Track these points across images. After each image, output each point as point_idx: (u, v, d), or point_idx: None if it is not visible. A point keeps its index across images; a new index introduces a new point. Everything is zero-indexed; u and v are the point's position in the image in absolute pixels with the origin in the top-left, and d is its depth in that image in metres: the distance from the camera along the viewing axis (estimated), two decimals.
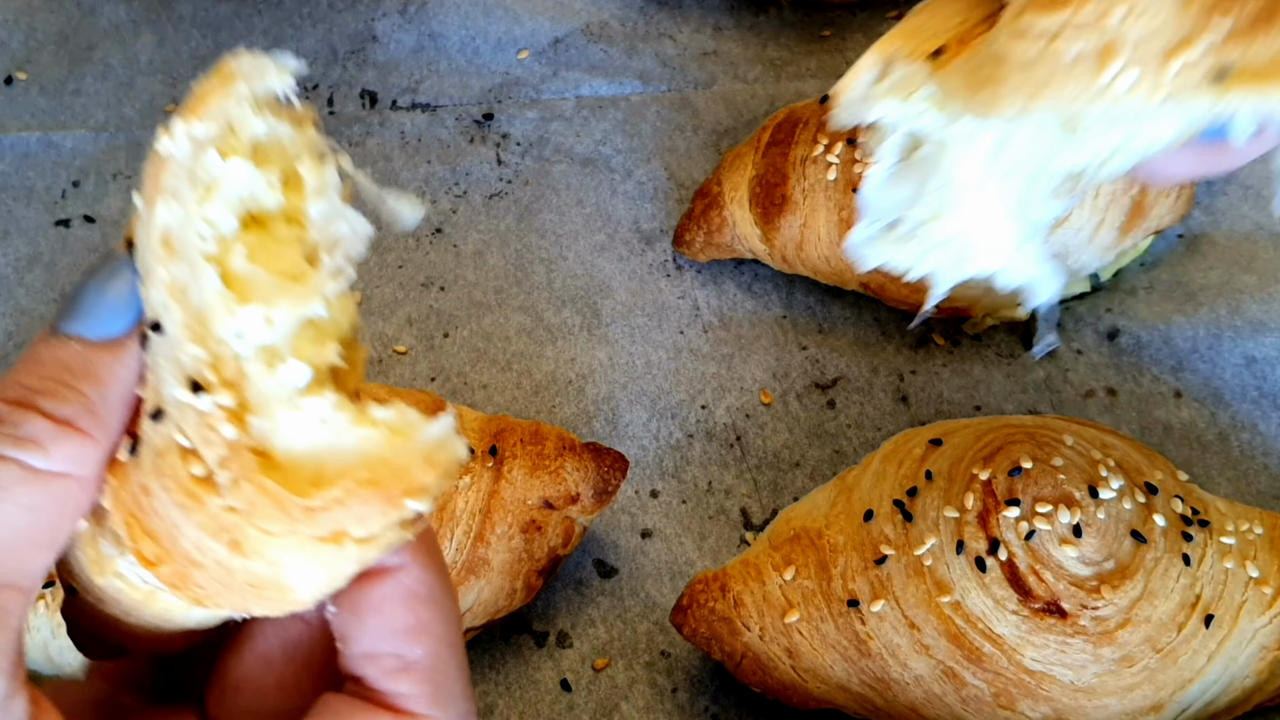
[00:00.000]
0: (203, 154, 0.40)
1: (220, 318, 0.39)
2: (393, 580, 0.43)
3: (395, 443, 0.40)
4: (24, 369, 0.39)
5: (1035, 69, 0.46)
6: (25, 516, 0.37)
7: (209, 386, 0.39)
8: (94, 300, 0.40)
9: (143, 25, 1.07)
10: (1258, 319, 0.89)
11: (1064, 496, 0.68)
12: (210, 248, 0.40)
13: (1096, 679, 0.66)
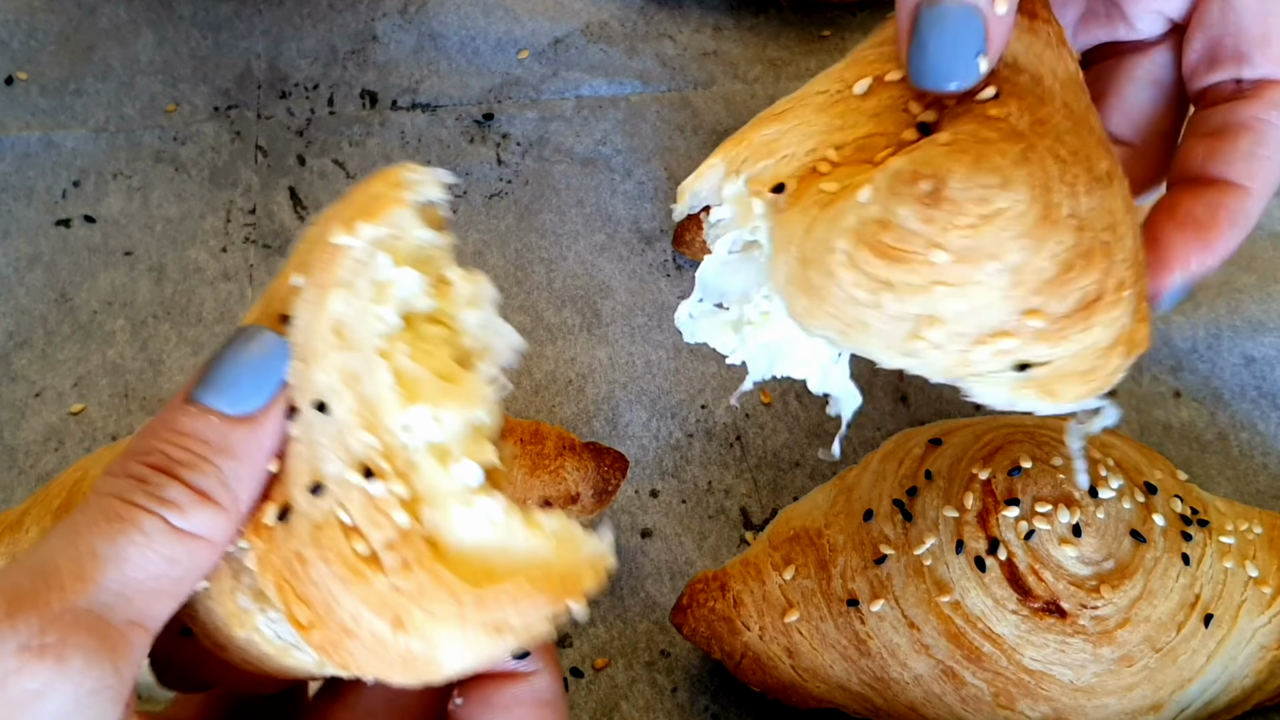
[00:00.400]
0: (377, 255, 0.43)
1: (391, 411, 0.43)
2: (526, 684, 0.46)
3: (560, 550, 0.43)
4: (164, 436, 0.41)
5: (853, 308, 0.46)
6: (162, 566, 0.40)
7: (381, 474, 0.42)
8: (236, 376, 0.42)
9: (143, 25, 1.07)
10: (1256, 319, 0.89)
11: (1063, 496, 0.69)
12: (382, 343, 0.43)
13: (1096, 678, 0.66)
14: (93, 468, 0.74)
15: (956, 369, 0.47)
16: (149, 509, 0.40)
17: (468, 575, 0.42)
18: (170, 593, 0.41)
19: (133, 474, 0.41)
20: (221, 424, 0.42)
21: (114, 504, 0.40)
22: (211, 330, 0.92)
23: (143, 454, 0.41)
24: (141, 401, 0.89)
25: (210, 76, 1.04)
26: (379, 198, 0.44)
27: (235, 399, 0.42)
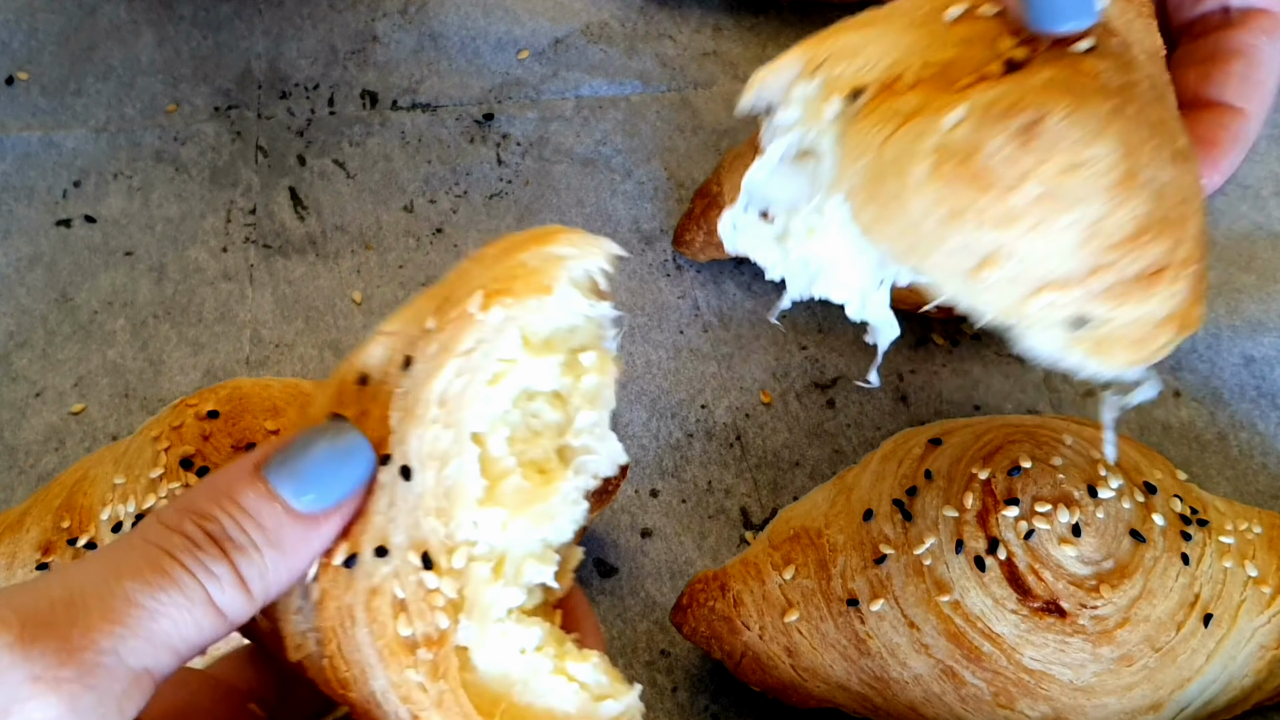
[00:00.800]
0: (507, 332, 0.41)
1: (466, 503, 0.41)
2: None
3: (583, 703, 0.42)
4: (225, 506, 0.41)
5: (924, 227, 0.44)
6: (189, 629, 0.40)
7: (437, 566, 0.41)
8: (315, 473, 0.42)
9: (143, 25, 1.07)
10: (1256, 319, 0.89)
11: (1063, 496, 0.69)
12: (482, 426, 0.42)
13: (1095, 678, 0.67)
14: (93, 468, 0.75)
15: (1012, 311, 0.45)
16: (195, 575, 0.40)
17: (485, 702, 0.41)
18: (181, 652, 0.41)
19: (188, 534, 0.41)
20: (283, 515, 0.41)
21: (162, 557, 0.40)
22: (212, 330, 0.92)
23: (200, 516, 0.41)
24: (142, 401, 0.89)
25: (211, 76, 1.04)
26: (533, 273, 0.41)
27: (304, 494, 0.41)
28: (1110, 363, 0.47)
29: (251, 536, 0.41)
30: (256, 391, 0.74)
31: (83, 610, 0.38)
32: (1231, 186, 0.96)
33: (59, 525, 0.72)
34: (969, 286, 0.45)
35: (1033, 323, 0.45)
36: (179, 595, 0.40)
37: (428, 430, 0.41)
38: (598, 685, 0.42)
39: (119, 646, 0.39)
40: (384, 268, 0.95)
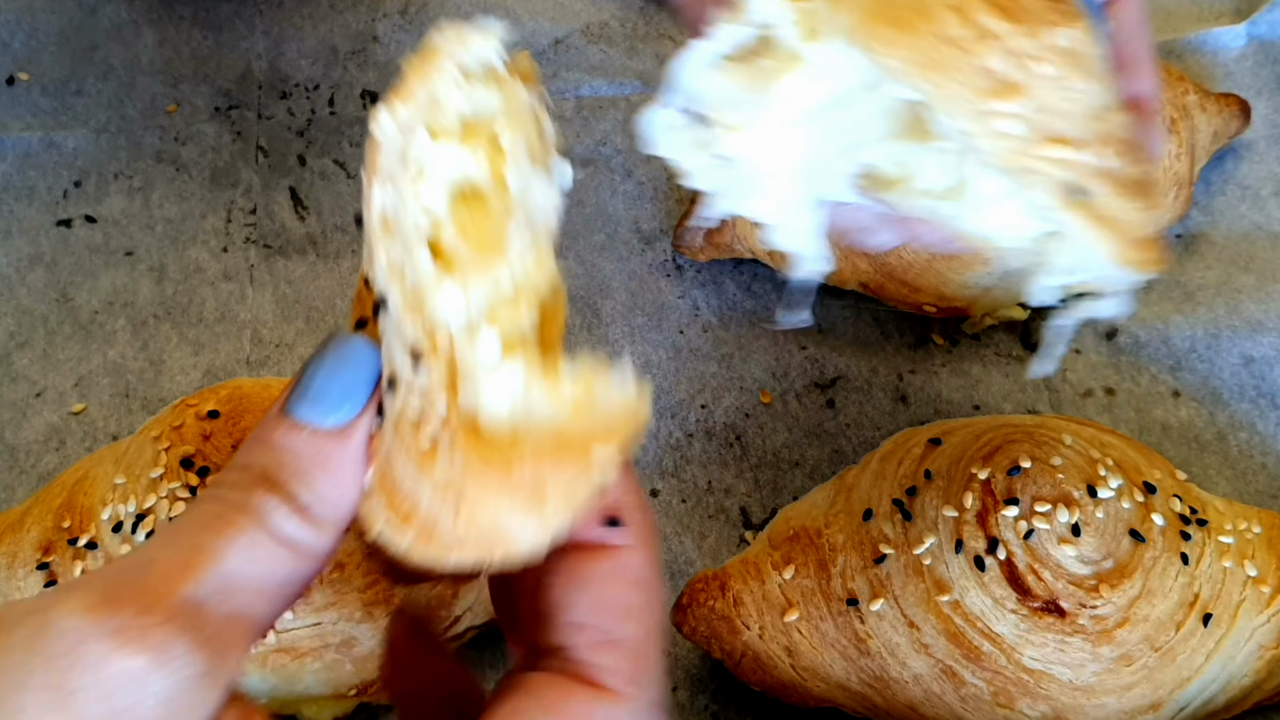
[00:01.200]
0: (412, 136, 0.42)
1: (432, 294, 0.42)
2: (616, 559, 0.44)
3: (580, 416, 0.42)
4: (261, 451, 0.42)
5: (945, 48, 0.42)
6: (264, 567, 0.41)
7: (424, 357, 0.42)
8: (326, 389, 0.43)
9: (144, 25, 1.07)
10: (1255, 319, 0.89)
11: (1063, 496, 0.69)
12: (424, 228, 0.42)
13: (1095, 678, 0.67)
14: (94, 467, 0.75)
15: (1013, 158, 0.43)
16: (253, 515, 0.41)
17: (500, 453, 0.41)
18: (273, 595, 0.41)
19: (236, 484, 0.42)
20: (314, 438, 0.42)
21: (217, 507, 0.41)
22: (212, 330, 0.92)
23: (243, 467, 0.42)
24: (143, 401, 0.89)
25: (211, 77, 1.04)
26: (408, 76, 0.42)
27: (325, 412, 0.42)
28: (1103, 242, 0.44)
29: (292, 467, 0.42)
30: (257, 391, 0.74)
31: (156, 566, 0.39)
32: (1231, 186, 0.96)
33: (59, 525, 0.72)
34: (977, 117, 0.42)
35: (1035, 176, 0.42)
36: (243, 537, 0.40)
37: (380, 254, 0.42)
38: (590, 396, 0.42)
39: (196, 595, 0.39)
40: None
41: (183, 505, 0.69)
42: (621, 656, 0.43)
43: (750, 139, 0.46)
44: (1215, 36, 1.01)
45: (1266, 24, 1.01)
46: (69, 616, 0.37)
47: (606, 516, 0.45)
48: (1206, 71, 1.00)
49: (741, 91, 0.45)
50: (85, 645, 0.37)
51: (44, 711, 0.36)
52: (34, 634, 0.38)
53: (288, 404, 0.43)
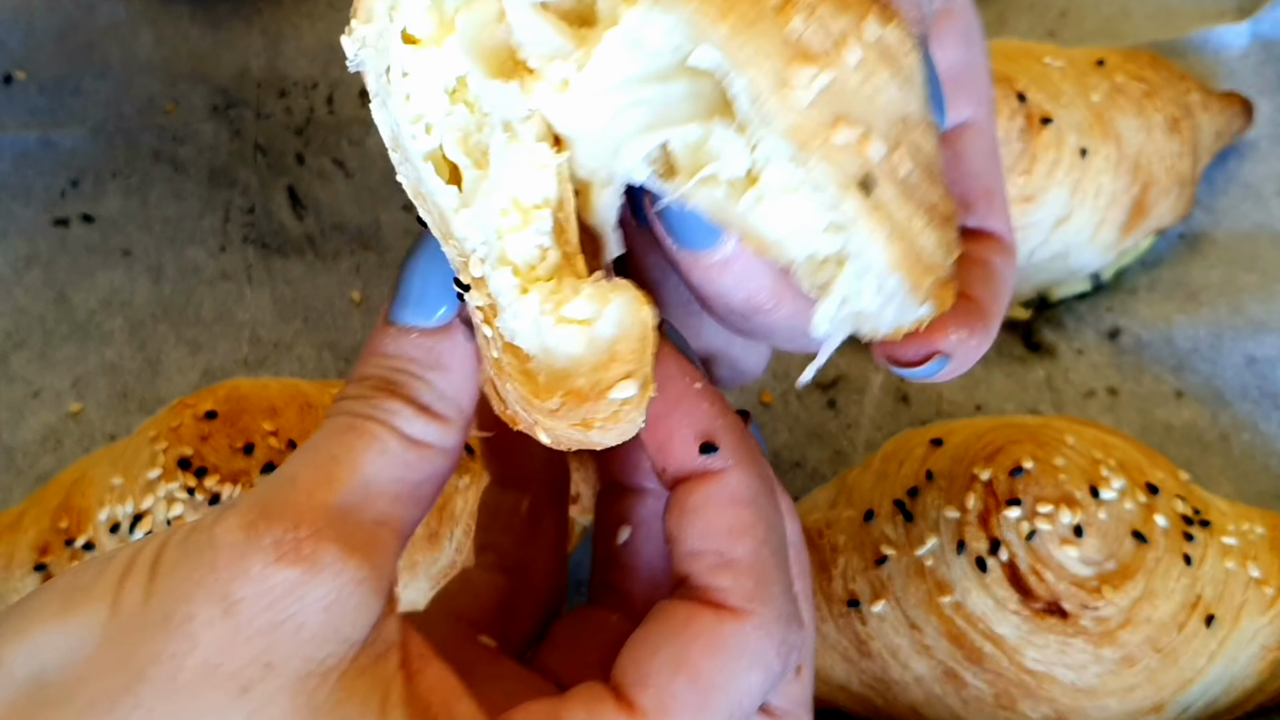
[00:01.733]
0: (389, 50, 0.40)
1: (449, 217, 0.41)
2: (717, 483, 0.45)
3: (587, 340, 0.42)
4: (374, 361, 0.44)
5: (754, 10, 0.39)
6: (399, 471, 0.42)
7: (471, 288, 0.42)
8: (420, 290, 0.44)
9: (141, 24, 1.06)
10: (1259, 319, 0.89)
11: (1065, 497, 0.68)
12: (425, 144, 0.41)
13: (1097, 679, 0.67)
14: (91, 468, 0.74)
15: (802, 135, 0.39)
16: (377, 418, 0.42)
17: (536, 383, 0.42)
18: (412, 497, 0.43)
19: (356, 394, 0.43)
20: (421, 339, 0.44)
21: (346, 419, 0.42)
22: (210, 330, 0.92)
23: (360, 380, 0.44)
24: (140, 402, 0.89)
25: (209, 76, 1.04)
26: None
27: (427, 312, 0.44)
28: (886, 245, 0.40)
29: (409, 370, 0.43)
30: (255, 392, 0.74)
31: (299, 482, 0.41)
32: (1234, 186, 0.96)
33: (57, 526, 0.72)
34: (774, 83, 0.39)
35: (823, 158, 0.39)
36: (373, 441, 0.42)
37: (399, 177, 0.42)
38: (595, 314, 0.42)
39: (341, 504, 0.41)
40: (383, 267, 0.95)
41: (180, 506, 0.69)
42: (738, 575, 0.44)
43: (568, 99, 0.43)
44: (1218, 35, 1.01)
45: (1269, 22, 1.01)
46: (230, 533, 0.39)
47: (701, 442, 0.45)
48: (1209, 70, 1.00)
49: (561, 45, 0.42)
50: (247, 559, 0.39)
51: (211, 620, 0.38)
52: (199, 549, 0.39)
53: (391, 311, 0.44)
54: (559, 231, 0.42)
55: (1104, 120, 0.87)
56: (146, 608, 0.39)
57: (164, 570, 0.40)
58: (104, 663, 0.38)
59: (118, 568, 0.40)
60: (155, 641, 0.38)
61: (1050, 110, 0.85)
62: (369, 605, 0.40)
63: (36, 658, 0.39)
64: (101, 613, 0.39)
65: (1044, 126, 0.84)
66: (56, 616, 0.39)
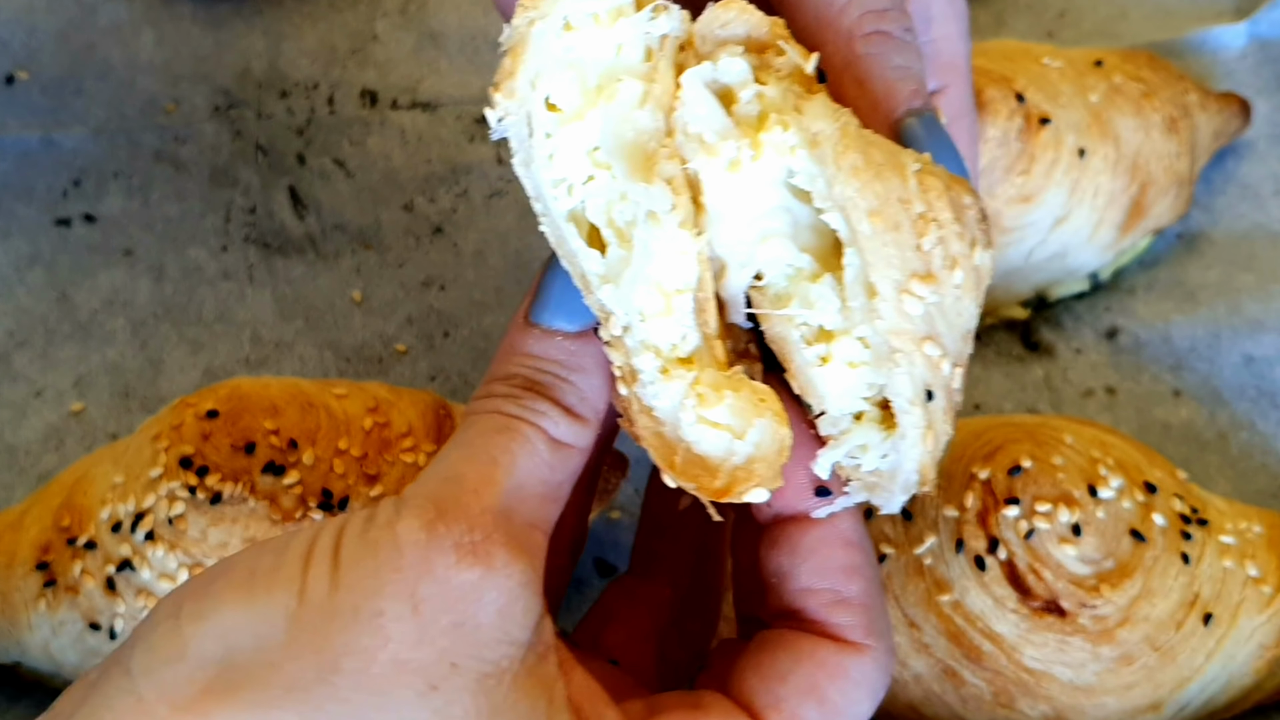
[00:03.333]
0: (533, 116, 0.42)
1: (591, 279, 0.43)
2: (828, 526, 0.48)
3: (726, 446, 0.44)
4: (519, 360, 0.45)
5: (896, 208, 0.42)
6: (545, 472, 0.44)
7: (609, 346, 0.44)
8: (566, 296, 0.45)
9: (143, 24, 1.07)
10: (1256, 318, 0.89)
11: (1063, 495, 0.69)
12: (568, 204, 0.43)
13: (1096, 677, 0.67)
14: (92, 467, 0.75)
15: (902, 335, 0.43)
16: (527, 419, 0.44)
17: (668, 452, 0.44)
18: (551, 497, 0.45)
19: (505, 393, 0.44)
20: (565, 342, 0.45)
21: (498, 417, 0.44)
22: (211, 329, 0.92)
23: (506, 377, 0.45)
24: (141, 401, 0.89)
25: (210, 76, 1.04)
26: (510, 51, 0.42)
27: (570, 317, 0.45)
28: (924, 451, 0.45)
29: (554, 373, 0.45)
30: (256, 391, 0.74)
31: (466, 482, 0.42)
32: (1231, 186, 0.96)
33: (58, 524, 0.72)
34: (894, 285, 0.42)
35: (907, 364, 0.43)
36: (525, 442, 0.44)
37: (541, 227, 0.43)
38: (737, 425, 0.43)
39: (501, 506, 0.42)
40: (384, 267, 0.95)
41: (182, 505, 0.69)
42: (855, 612, 0.47)
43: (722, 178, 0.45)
44: (1215, 36, 1.01)
45: (1267, 23, 1.01)
46: (413, 531, 0.41)
47: (817, 486, 0.47)
48: (1207, 71, 1.00)
49: (726, 125, 0.44)
50: (430, 559, 0.40)
51: (400, 616, 0.40)
52: (381, 545, 0.41)
53: (533, 313, 0.46)
54: (699, 311, 0.44)
55: (1102, 120, 0.87)
56: (334, 599, 0.40)
57: (347, 562, 0.41)
58: (296, 650, 0.39)
59: (298, 555, 0.41)
60: (347, 633, 0.39)
61: (1049, 110, 0.85)
62: (532, 608, 0.42)
63: (223, 640, 0.40)
64: (288, 600, 0.40)
65: (1042, 126, 0.84)
66: (241, 601, 0.40)
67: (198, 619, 0.41)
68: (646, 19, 0.43)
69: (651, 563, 0.57)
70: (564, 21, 0.42)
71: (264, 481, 0.69)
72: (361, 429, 0.73)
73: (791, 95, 0.43)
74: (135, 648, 0.41)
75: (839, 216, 0.42)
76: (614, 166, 0.43)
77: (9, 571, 0.72)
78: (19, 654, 0.72)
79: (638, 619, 0.55)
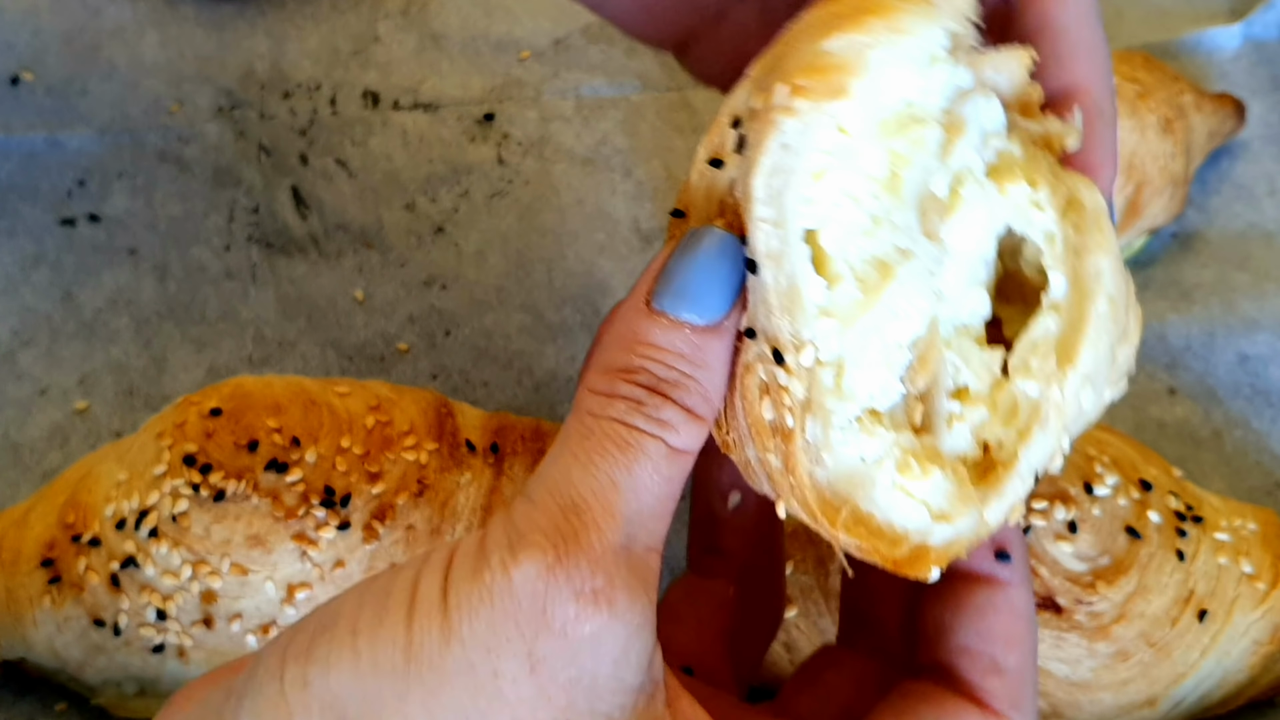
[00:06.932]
0: (818, 132, 0.39)
1: (804, 306, 0.40)
2: (1003, 593, 0.46)
3: (921, 523, 0.41)
4: (642, 351, 0.41)
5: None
6: (664, 488, 0.40)
7: (785, 368, 0.40)
8: (705, 284, 0.41)
9: (147, 26, 1.07)
10: (1251, 317, 0.90)
11: (1059, 493, 0.69)
12: (812, 224, 0.39)
13: (1091, 674, 0.67)
14: (97, 465, 0.75)
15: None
16: (651, 433, 0.40)
17: (830, 503, 0.40)
18: (668, 512, 0.41)
19: (625, 395, 0.41)
20: (693, 336, 0.41)
21: (618, 429, 0.40)
22: (215, 328, 0.92)
23: (627, 371, 0.41)
24: (145, 399, 0.89)
25: (214, 77, 1.05)
26: (833, 69, 0.38)
27: (704, 309, 0.41)
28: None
29: (680, 369, 0.41)
30: (259, 389, 0.75)
31: (587, 514, 0.39)
32: (1226, 186, 0.97)
33: (63, 522, 0.72)
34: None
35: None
36: (646, 460, 0.40)
37: (757, 229, 0.40)
38: (938, 506, 0.40)
39: (624, 537, 0.39)
40: (385, 266, 0.96)
41: (185, 502, 0.69)
42: (1007, 683, 0.46)
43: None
44: (1211, 37, 1.02)
45: (1262, 25, 1.01)
46: (532, 581, 0.38)
47: (997, 549, 0.46)
48: (1202, 72, 1.01)
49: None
50: (549, 613, 0.37)
51: (517, 678, 0.37)
52: (499, 595, 0.38)
53: (658, 300, 0.41)
54: (919, 367, 0.41)
55: None
56: (446, 653, 0.37)
57: (458, 611, 0.38)
58: (408, 712, 0.37)
59: (402, 599, 0.38)
60: (462, 694, 0.37)
61: None
62: (647, 648, 0.39)
63: (331, 707, 0.38)
64: (396, 654, 0.38)
65: None
66: (347, 662, 0.38)
67: (302, 685, 0.38)
68: (964, 84, 0.40)
69: (711, 560, 0.55)
70: (910, 56, 0.39)
71: (267, 479, 0.70)
72: (364, 427, 0.73)
73: (1041, 159, 0.42)
74: (241, 711, 0.39)
75: (1063, 279, 0.41)
76: (882, 202, 0.40)
77: (14, 568, 0.72)
78: (24, 650, 0.72)
79: (707, 621, 0.53)
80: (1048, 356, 0.41)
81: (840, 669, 0.53)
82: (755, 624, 0.56)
